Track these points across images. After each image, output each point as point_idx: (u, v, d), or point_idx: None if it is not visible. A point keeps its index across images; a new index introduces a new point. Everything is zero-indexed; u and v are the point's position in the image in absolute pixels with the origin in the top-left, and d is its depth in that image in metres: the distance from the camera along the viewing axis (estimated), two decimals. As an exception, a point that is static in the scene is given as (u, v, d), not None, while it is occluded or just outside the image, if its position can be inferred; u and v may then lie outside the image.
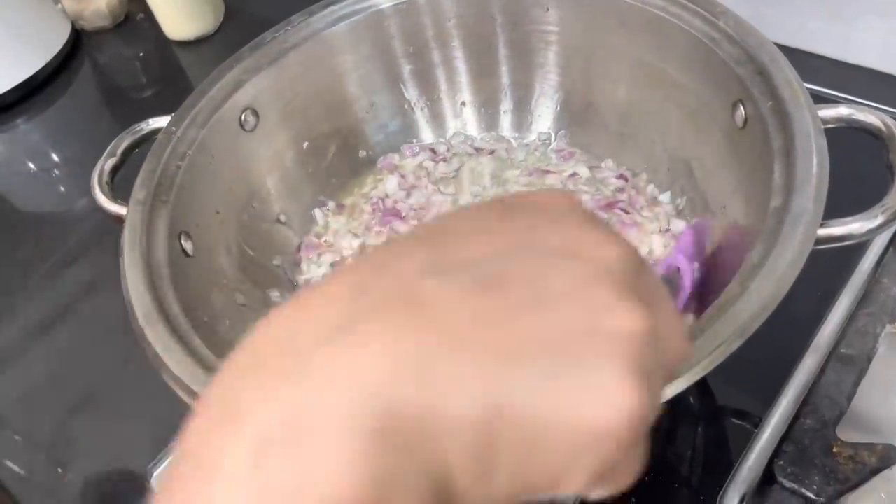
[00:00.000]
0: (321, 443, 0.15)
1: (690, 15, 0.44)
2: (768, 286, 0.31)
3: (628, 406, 0.17)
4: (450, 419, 0.16)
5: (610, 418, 0.17)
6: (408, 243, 0.19)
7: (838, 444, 0.39)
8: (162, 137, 0.45)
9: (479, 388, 0.16)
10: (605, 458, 0.17)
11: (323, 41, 0.51)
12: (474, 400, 0.16)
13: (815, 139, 0.36)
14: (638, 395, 0.17)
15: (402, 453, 0.16)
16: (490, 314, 0.17)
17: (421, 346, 0.16)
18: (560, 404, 0.17)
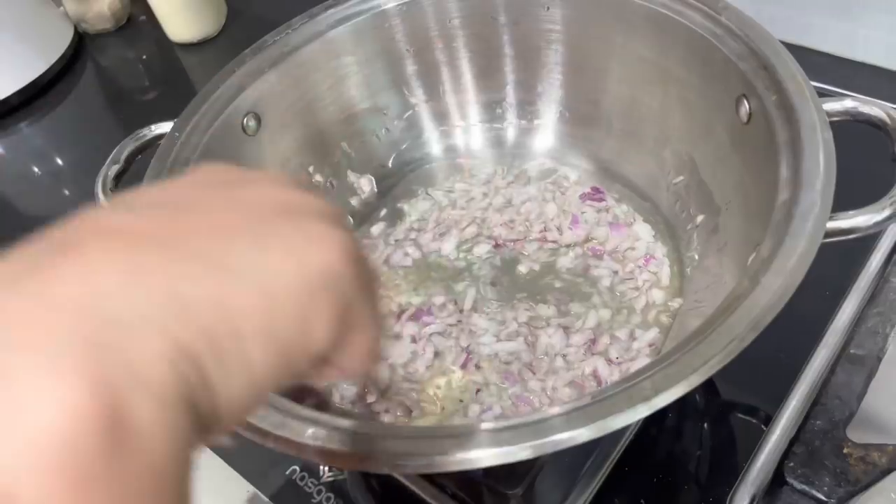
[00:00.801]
0: (25, 369, 0.15)
1: (692, 11, 0.44)
2: (780, 280, 0.31)
3: (333, 244, 0.20)
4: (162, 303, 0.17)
5: (323, 256, 0.19)
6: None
7: (849, 445, 0.39)
8: (165, 143, 0.45)
9: (198, 269, 0.18)
10: (336, 295, 0.20)
11: (325, 43, 0.51)
12: (195, 281, 0.17)
13: (821, 132, 0.36)
14: (340, 233, 0.20)
15: (121, 350, 0.16)
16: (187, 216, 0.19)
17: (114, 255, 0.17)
18: (272, 261, 0.19)
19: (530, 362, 0.45)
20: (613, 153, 0.53)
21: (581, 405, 0.30)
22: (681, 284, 0.47)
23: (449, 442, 0.29)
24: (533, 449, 0.29)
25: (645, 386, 0.30)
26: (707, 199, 0.46)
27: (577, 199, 0.52)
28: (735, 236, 0.42)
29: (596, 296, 0.48)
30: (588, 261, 0.49)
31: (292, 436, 0.31)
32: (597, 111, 0.53)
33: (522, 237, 0.52)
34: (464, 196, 0.55)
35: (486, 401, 0.44)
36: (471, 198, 0.55)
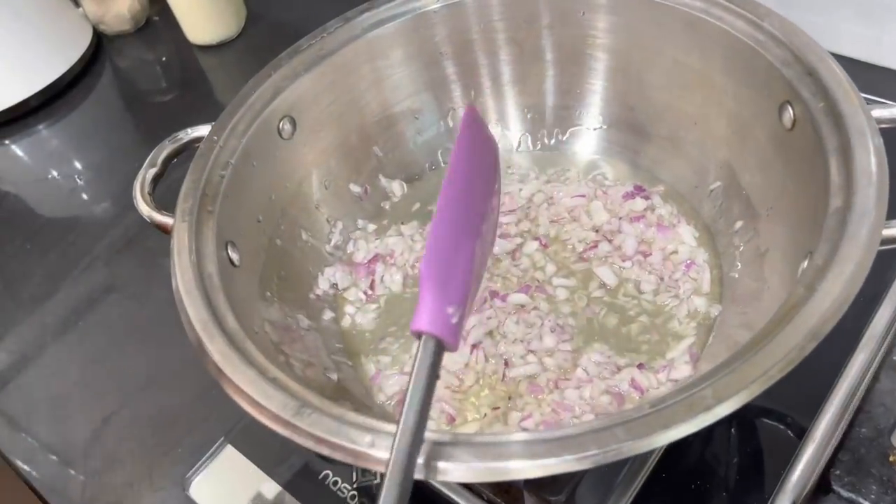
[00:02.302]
0: None
1: (733, 17, 0.44)
2: (837, 288, 0.31)
3: None
4: None
5: None
6: None
7: (894, 452, 0.39)
8: (204, 147, 0.45)
9: None
10: None
11: (360, 46, 0.51)
12: None
13: (871, 139, 0.36)
14: None
15: None
16: None
17: None
18: None
19: (567, 370, 0.45)
20: (652, 159, 0.53)
21: (641, 415, 0.29)
22: (720, 291, 0.47)
23: (515, 450, 0.29)
24: (595, 458, 0.28)
25: (706, 395, 0.29)
26: (746, 204, 0.46)
27: (620, 198, 0.52)
28: (779, 243, 0.42)
29: (637, 304, 0.48)
30: (636, 270, 0.49)
31: (348, 443, 0.31)
32: (636, 117, 0.53)
33: (570, 237, 0.51)
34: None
35: (525, 408, 0.43)
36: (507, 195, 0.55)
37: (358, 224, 0.55)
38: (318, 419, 0.31)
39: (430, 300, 0.33)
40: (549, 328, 0.46)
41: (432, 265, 0.34)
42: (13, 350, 0.60)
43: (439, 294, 0.33)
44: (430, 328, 0.32)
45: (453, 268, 0.35)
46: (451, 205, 0.37)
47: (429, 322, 0.32)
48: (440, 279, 0.34)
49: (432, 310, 0.32)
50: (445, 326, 0.32)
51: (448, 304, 0.33)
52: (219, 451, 0.49)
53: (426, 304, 0.32)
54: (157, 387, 0.55)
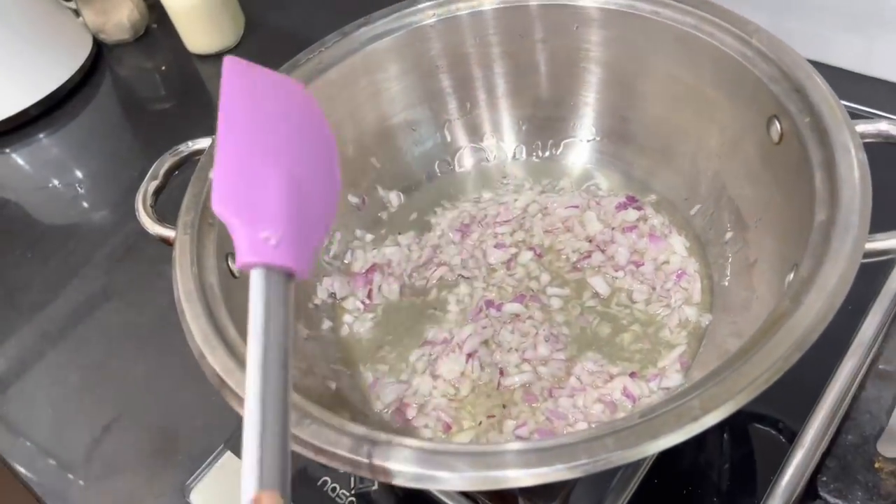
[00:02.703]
0: None
1: (723, 33, 0.45)
2: (821, 300, 0.32)
3: None
4: None
5: None
6: None
7: (880, 459, 0.40)
8: (205, 160, 0.46)
9: None
10: None
11: (357, 60, 0.52)
12: None
13: (855, 154, 0.37)
14: None
15: None
16: None
17: None
18: None
19: (560, 378, 0.46)
20: (644, 170, 0.54)
21: (630, 425, 0.30)
22: (711, 300, 0.48)
23: (509, 459, 0.30)
24: (586, 468, 0.29)
25: (693, 405, 0.30)
26: (736, 215, 0.47)
27: (613, 209, 0.53)
28: (767, 254, 0.43)
29: (630, 313, 0.48)
30: (628, 280, 0.50)
31: (347, 453, 0.31)
32: (629, 128, 0.54)
33: (563, 247, 0.52)
34: (493, 205, 0.56)
35: (520, 416, 0.44)
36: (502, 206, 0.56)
37: (356, 234, 0.56)
38: (317, 430, 0.32)
39: (235, 231, 0.29)
40: (544, 337, 0.47)
41: (227, 194, 0.30)
42: (14, 357, 0.61)
43: (242, 220, 0.29)
44: (250, 257, 0.28)
45: (253, 191, 0.31)
46: (229, 130, 0.32)
47: (247, 252, 0.28)
48: (238, 205, 0.30)
49: (243, 238, 0.29)
50: (264, 252, 0.28)
51: (260, 227, 0.29)
52: (218, 457, 0.50)
53: (236, 238, 0.29)
54: (156, 394, 0.55)
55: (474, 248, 0.53)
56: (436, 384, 0.46)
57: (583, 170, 0.57)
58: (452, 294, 0.51)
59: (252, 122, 0.34)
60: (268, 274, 0.28)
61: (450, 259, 0.53)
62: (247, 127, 0.33)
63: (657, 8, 0.48)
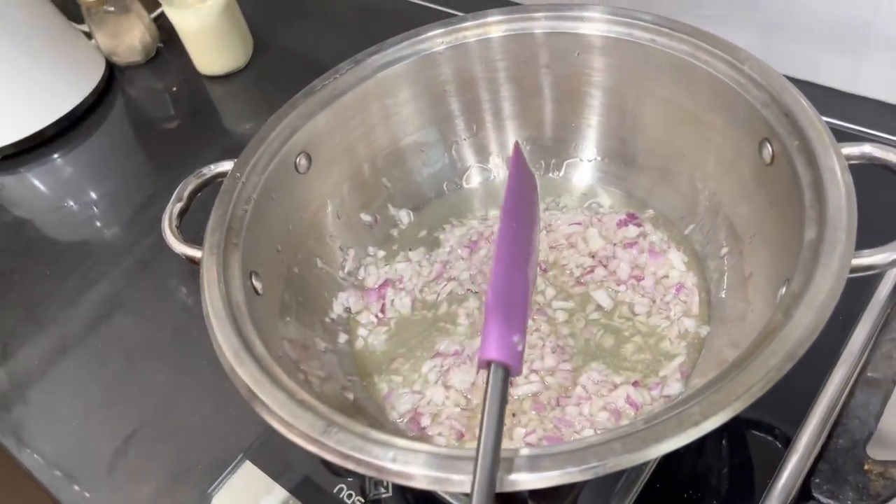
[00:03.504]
0: None
1: (716, 60, 0.48)
2: (811, 314, 0.35)
3: None
4: None
5: None
6: None
7: (869, 461, 0.43)
8: (228, 182, 0.48)
9: None
10: None
11: (370, 86, 0.54)
12: None
13: (841, 176, 0.40)
14: None
15: None
16: None
17: None
18: None
19: (567, 388, 0.48)
20: (644, 189, 0.57)
21: (635, 430, 0.33)
22: (708, 312, 0.50)
23: (521, 463, 0.32)
24: (595, 470, 0.32)
25: (694, 411, 0.33)
26: (731, 232, 0.50)
27: (614, 226, 0.55)
28: (761, 268, 0.46)
29: (632, 325, 0.51)
30: (629, 293, 0.52)
31: (373, 459, 0.34)
32: (629, 150, 0.57)
33: (567, 262, 0.55)
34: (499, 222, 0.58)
35: (529, 424, 0.47)
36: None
37: (368, 251, 0.58)
38: (343, 437, 0.35)
39: (497, 331, 0.35)
40: (550, 349, 0.49)
41: (499, 298, 0.37)
42: (36, 371, 0.62)
43: (505, 325, 0.36)
44: (500, 357, 0.35)
45: (514, 299, 0.37)
46: (508, 241, 0.39)
47: (498, 351, 0.35)
48: (505, 311, 0.36)
49: (500, 340, 0.35)
50: (513, 354, 0.35)
51: (513, 333, 0.36)
52: (237, 466, 0.52)
53: (494, 335, 0.35)
54: (176, 406, 0.57)
55: (482, 263, 0.56)
56: (448, 394, 0.49)
57: (585, 188, 0.60)
58: (462, 308, 0.54)
59: (520, 221, 0.40)
60: (505, 370, 0.34)
61: (459, 274, 0.56)
62: (518, 225, 0.40)
63: (654, 36, 0.50)
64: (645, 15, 0.51)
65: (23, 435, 0.58)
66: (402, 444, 0.34)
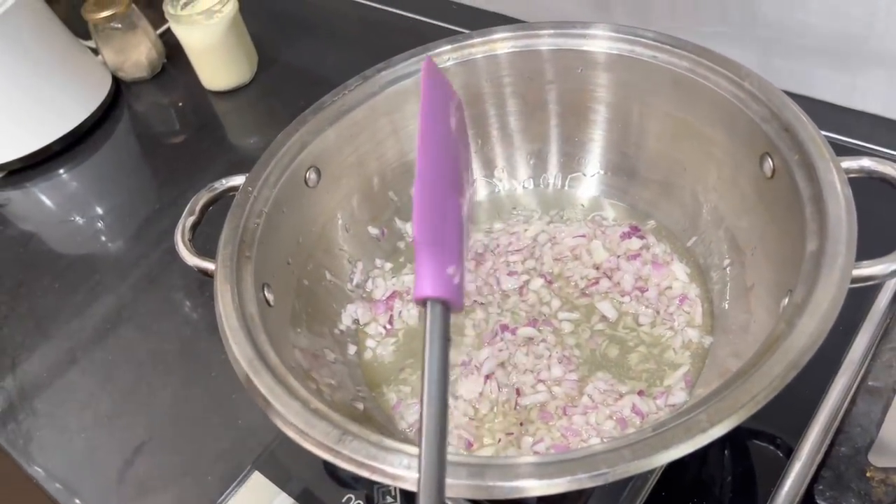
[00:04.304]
0: None
1: (717, 76, 0.49)
2: (814, 324, 0.36)
3: None
4: None
5: None
6: None
7: (871, 468, 0.43)
8: (240, 196, 0.49)
9: None
10: None
11: (378, 102, 0.55)
12: None
13: (841, 189, 0.41)
14: None
15: None
16: None
17: None
18: None
19: (573, 397, 0.49)
20: (647, 202, 0.58)
21: (644, 437, 0.34)
22: (712, 323, 0.51)
23: (530, 471, 0.33)
24: (606, 476, 0.33)
25: (701, 419, 0.34)
26: (733, 244, 0.51)
27: (618, 238, 0.56)
28: (763, 279, 0.47)
29: (636, 336, 0.52)
30: (634, 304, 0.53)
31: (387, 466, 0.34)
32: (632, 164, 0.58)
33: (572, 274, 0.56)
34: (504, 235, 0.59)
35: (537, 433, 0.47)
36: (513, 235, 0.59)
37: (376, 263, 0.59)
38: (358, 445, 0.35)
39: (429, 264, 0.32)
40: (557, 359, 0.50)
41: (425, 229, 0.33)
42: (45, 383, 0.63)
43: (437, 257, 0.32)
44: (435, 292, 0.32)
45: (445, 229, 0.34)
46: (431, 165, 0.35)
47: (432, 287, 0.32)
48: (434, 242, 0.33)
49: (433, 274, 0.32)
50: (448, 288, 0.32)
51: (447, 265, 0.33)
52: (246, 478, 0.52)
53: (426, 270, 0.32)
54: (184, 418, 0.58)
55: (488, 275, 0.57)
56: (456, 404, 0.49)
57: (589, 201, 0.61)
58: (469, 319, 0.55)
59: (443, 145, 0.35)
60: (443, 306, 0.31)
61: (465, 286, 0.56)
62: (440, 150, 0.35)
63: (656, 53, 0.52)
64: (647, 32, 0.52)
65: (32, 447, 0.59)
66: (416, 452, 0.35)
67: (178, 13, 0.81)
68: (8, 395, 0.63)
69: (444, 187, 0.35)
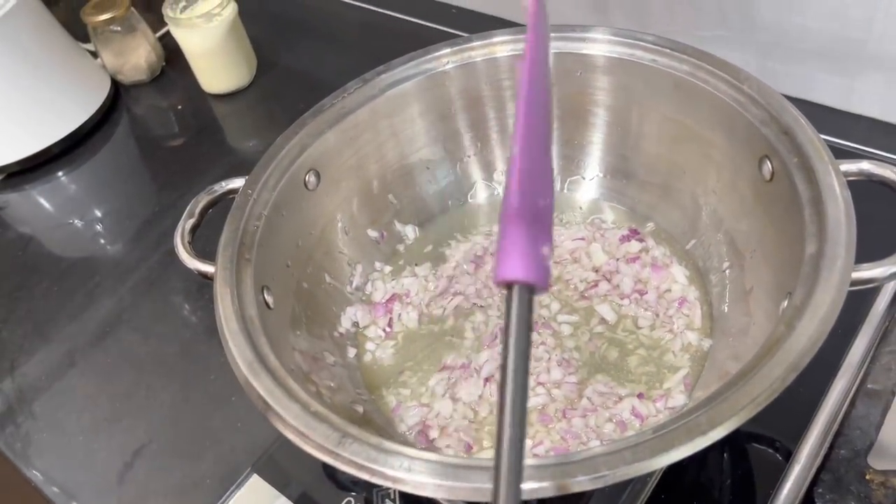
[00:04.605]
0: None
1: (717, 80, 0.49)
2: (813, 326, 0.36)
3: None
4: None
5: None
6: None
7: (870, 471, 0.44)
8: (240, 199, 0.49)
9: None
10: None
11: (378, 105, 0.55)
12: None
13: (840, 192, 0.41)
14: None
15: None
16: None
17: None
18: None
19: (573, 400, 0.49)
20: (646, 204, 0.58)
21: (645, 440, 0.34)
22: (711, 325, 0.51)
23: (536, 473, 0.33)
24: (607, 478, 0.33)
25: (702, 421, 0.34)
26: (732, 247, 0.51)
27: (617, 241, 0.56)
28: (762, 282, 0.47)
29: (635, 338, 0.52)
30: (633, 307, 0.53)
31: (388, 469, 0.34)
32: (631, 167, 0.58)
33: (572, 276, 0.56)
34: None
35: (536, 436, 0.47)
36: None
37: (375, 266, 0.59)
38: (358, 448, 0.35)
39: (523, 240, 0.27)
40: (556, 362, 0.50)
41: (525, 199, 0.28)
42: (45, 387, 0.63)
43: (532, 232, 0.27)
44: (528, 275, 0.26)
45: (542, 199, 0.29)
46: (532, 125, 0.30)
47: (524, 268, 0.26)
48: (531, 214, 0.28)
49: (526, 252, 0.27)
50: (542, 270, 0.27)
51: (542, 242, 0.27)
52: (245, 480, 0.52)
53: (518, 246, 0.27)
54: (183, 421, 0.58)
55: (488, 278, 0.57)
56: (456, 407, 0.49)
57: (588, 204, 0.61)
58: (468, 322, 0.55)
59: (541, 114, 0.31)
60: (530, 291, 0.27)
61: (465, 289, 0.56)
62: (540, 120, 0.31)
63: (655, 56, 0.52)
64: (647, 36, 0.52)
65: (30, 450, 0.58)
66: (416, 454, 0.35)
67: (177, 16, 0.82)
68: (6, 399, 0.63)
69: (544, 150, 0.30)
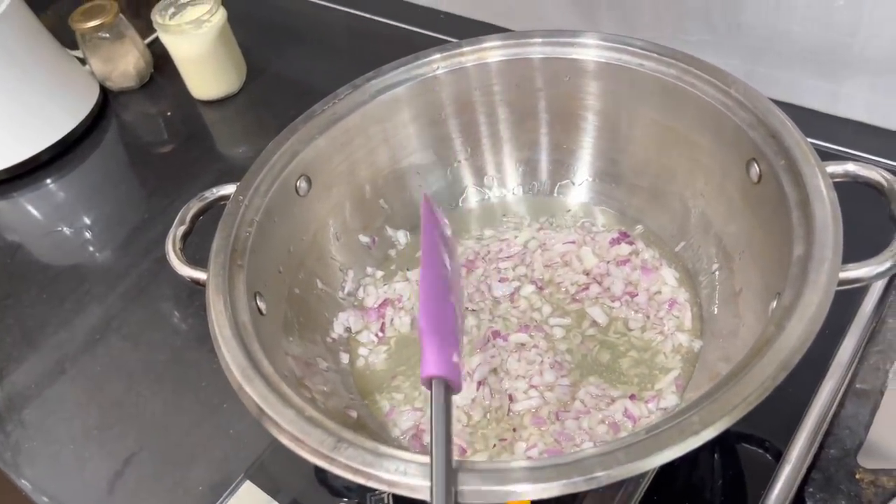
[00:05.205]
0: None
1: (704, 84, 0.50)
2: (802, 326, 0.36)
3: None
4: None
5: None
6: None
7: (860, 470, 0.44)
8: (231, 206, 0.49)
9: None
10: None
11: (368, 110, 0.56)
12: None
13: (826, 194, 0.41)
14: None
15: None
16: None
17: None
18: None
19: (566, 402, 0.49)
20: (636, 208, 0.59)
21: (638, 440, 0.34)
22: (701, 327, 0.51)
23: (529, 475, 0.33)
24: (601, 479, 0.33)
25: (694, 421, 0.34)
26: (721, 249, 0.51)
27: (607, 244, 0.57)
28: (751, 283, 0.47)
29: (627, 340, 0.52)
30: (624, 309, 0.54)
31: (383, 472, 0.35)
32: (620, 170, 0.58)
33: (563, 280, 0.56)
34: (495, 242, 0.60)
35: (530, 438, 0.48)
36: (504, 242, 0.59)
37: (367, 271, 0.59)
38: (353, 452, 0.35)
39: (435, 348, 0.38)
40: (549, 364, 0.50)
41: (430, 320, 0.40)
42: (34, 395, 0.62)
43: (440, 343, 0.39)
44: (440, 371, 0.38)
45: (444, 320, 0.41)
46: (429, 274, 0.44)
47: (436, 367, 0.38)
48: (437, 331, 0.39)
49: (438, 356, 0.38)
50: (452, 370, 0.38)
51: (450, 351, 0.39)
52: (238, 487, 0.52)
53: (432, 353, 0.38)
54: (175, 428, 0.57)
55: (479, 282, 0.57)
56: (449, 410, 0.49)
57: (578, 207, 0.61)
58: (461, 326, 0.55)
59: (437, 261, 0.45)
60: (447, 385, 0.37)
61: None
62: (436, 265, 0.45)
63: (643, 61, 0.52)
64: (635, 41, 0.53)
65: (20, 459, 0.58)
66: (411, 457, 0.35)
67: (166, 23, 0.82)
68: (-4, 407, 0.62)
69: (442, 290, 0.44)
